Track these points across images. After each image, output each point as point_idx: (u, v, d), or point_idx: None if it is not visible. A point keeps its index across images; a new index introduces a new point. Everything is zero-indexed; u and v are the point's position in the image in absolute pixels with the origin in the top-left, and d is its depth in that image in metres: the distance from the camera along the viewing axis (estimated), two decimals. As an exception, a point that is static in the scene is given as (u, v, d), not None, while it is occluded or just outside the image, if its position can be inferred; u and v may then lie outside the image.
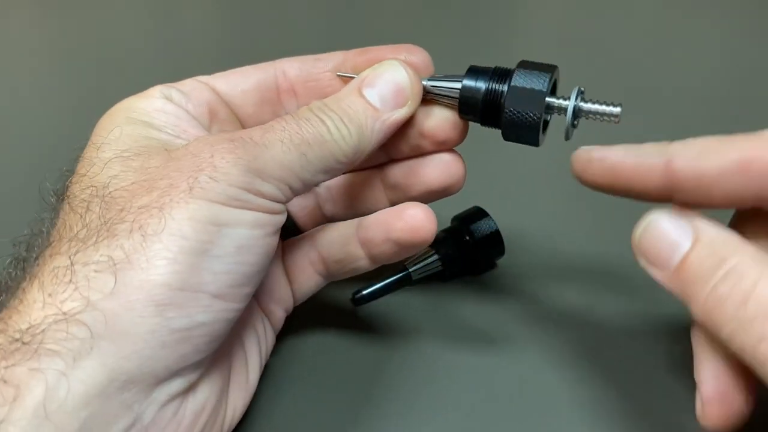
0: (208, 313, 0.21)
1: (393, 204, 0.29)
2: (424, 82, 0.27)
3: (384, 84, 0.26)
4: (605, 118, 0.25)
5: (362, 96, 0.26)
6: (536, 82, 0.25)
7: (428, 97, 0.27)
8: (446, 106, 0.27)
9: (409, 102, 0.26)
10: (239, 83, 0.29)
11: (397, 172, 0.29)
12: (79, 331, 0.19)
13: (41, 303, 0.20)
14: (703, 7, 0.71)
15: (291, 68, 0.29)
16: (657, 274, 0.22)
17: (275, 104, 0.29)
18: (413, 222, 0.26)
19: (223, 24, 0.73)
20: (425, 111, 0.27)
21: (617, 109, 0.25)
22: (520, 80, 0.25)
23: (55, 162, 0.26)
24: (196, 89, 0.28)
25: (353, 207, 0.31)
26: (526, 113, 0.25)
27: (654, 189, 0.22)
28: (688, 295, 0.21)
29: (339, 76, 0.28)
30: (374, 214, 0.27)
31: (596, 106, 0.25)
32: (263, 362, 0.28)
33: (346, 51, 0.29)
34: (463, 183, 0.29)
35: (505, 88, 0.25)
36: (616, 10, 0.72)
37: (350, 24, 0.70)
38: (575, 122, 0.26)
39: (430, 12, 0.73)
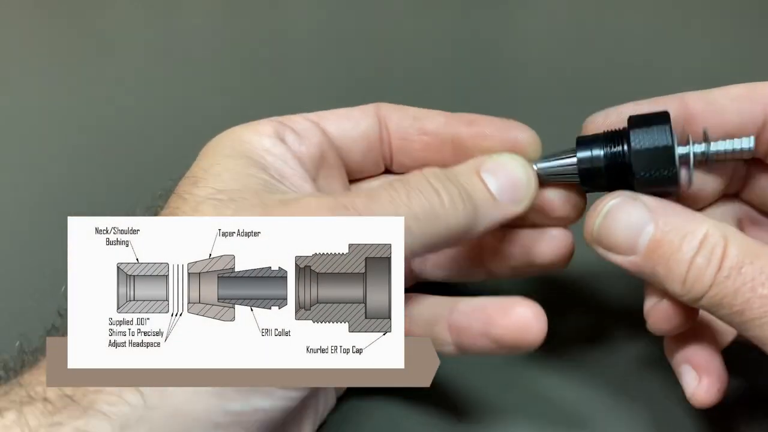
0: (268, 399, 0.20)
1: (487, 271, 0.27)
2: (536, 167, 0.25)
3: (504, 175, 0.24)
4: (738, 154, 0.23)
5: (481, 179, 0.24)
6: (659, 138, 0.23)
7: (541, 181, 0.25)
8: (561, 186, 0.26)
9: (525, 201, 0.25)
10: (348, 129, 0.27)
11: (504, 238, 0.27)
12: (132, 398, 0.18)
13: None
14: (704, 7, 0.71)
15: (390, 119, 0.28)
16: (620, 260, 0.23)
17: (377, 153, 0.28)
18: (522, 322, 0.22)
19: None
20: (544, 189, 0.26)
21: (750, 140, 0.23)
22: (640, 141, 0.23)
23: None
24: (308, 130, 0.26)
25: (443, 265, 0.29)
26: (660, 172, 0.23)
27: None
28: (661, 273, 0.22)
29: None
30: (471, 299, 0.24)
31: (727, 144, 0.23)
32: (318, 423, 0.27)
33: (447, 113, 0.27)
34: (568, 262, 0.27)
35: (625, 147, 0.24)
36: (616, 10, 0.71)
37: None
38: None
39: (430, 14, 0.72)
